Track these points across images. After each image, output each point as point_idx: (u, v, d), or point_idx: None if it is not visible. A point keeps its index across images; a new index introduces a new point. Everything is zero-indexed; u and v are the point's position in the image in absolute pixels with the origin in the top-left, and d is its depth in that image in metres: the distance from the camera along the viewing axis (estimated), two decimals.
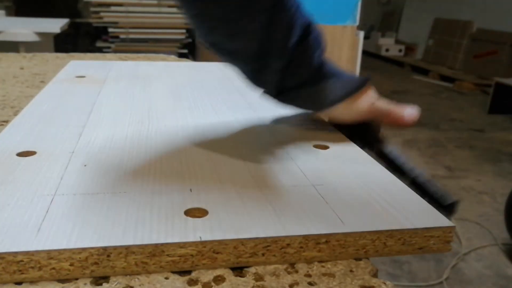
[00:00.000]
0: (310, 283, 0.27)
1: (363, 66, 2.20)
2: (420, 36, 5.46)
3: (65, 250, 0.25)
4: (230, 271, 0.27)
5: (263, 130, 0.47)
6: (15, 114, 0.58)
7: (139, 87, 0.63)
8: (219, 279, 0.27)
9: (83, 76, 0.69)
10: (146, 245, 0.26)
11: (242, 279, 0.27)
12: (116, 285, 0.25)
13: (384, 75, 4.83)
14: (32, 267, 0.25)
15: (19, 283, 0.25)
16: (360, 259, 0.29)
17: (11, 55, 0.95)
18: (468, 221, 1.85)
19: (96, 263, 0.25)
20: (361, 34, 2.12)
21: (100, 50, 3.77)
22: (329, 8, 2.03)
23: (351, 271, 0.28)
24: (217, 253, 0.27)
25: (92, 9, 3.89)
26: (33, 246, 0.25)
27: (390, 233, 0.29)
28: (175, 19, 4.05)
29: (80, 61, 0.84)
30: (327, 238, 0.28)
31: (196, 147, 0.41)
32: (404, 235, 0.29)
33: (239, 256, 0.27)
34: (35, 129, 0.45)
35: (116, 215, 0.29)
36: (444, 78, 4.57)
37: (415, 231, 0.29)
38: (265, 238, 0.27)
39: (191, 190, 0.33)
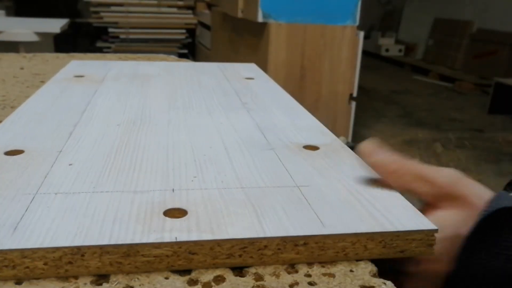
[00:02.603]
0: (310, 283, 0.27)
1: (363, 66, 2.20)
2: (420, 36, 5.46)
3: (39, 249, 0.25)
4: (230, 271, 0.27)
5: (254, 131, 0.47)
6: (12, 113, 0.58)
7: (136, 87, 0.63)
8: (219, 279, 0.27)
9: (82, 76, 0.69)
10: (121, 245, 0.26)
11: (242, 279, 0.27)
12: (116, 285, 0.26)
13: (384, 75, 4.83)
14: (6, 266, 0.25)
15: (19, 283, 0.26)
16: (360, 259, 0.29)
17: (11, 55, 0.95)
18: None
19: (70, 263, 0.25)
20: (361, 34, 2.12)
21: (100, 50, 3.77)
22: (329, 8, 2.04)
23: (351, 271, 0.28)
24: (193, 254, 0.27)
25: (92, 9, 3.89)
26: (8, 245, 0.25)
27: (371, 236, 0.28)
28: (175, 19, 4.05)
29: (81, 60, 0.84)
30: (306, 240, 0.28)
31: (184, 147, 0.41)
32: (385, 238, 0.29)
33: (216, 257, 0.27)
34: (26, 128, 0.45)
35: (95, 214, 0.28)
36: (444, 78, 4.58)
37: (396, 234, 0.29)
38: (241, 240, 0.27)
39: (173, 190, 0.32)
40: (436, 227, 0.29)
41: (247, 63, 0.83)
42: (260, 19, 1.98)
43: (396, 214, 0.30)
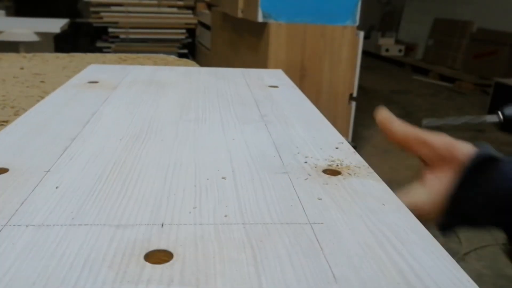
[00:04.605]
0: None
1: (363, 66, 2.20)
2: (420, 36, 5.46)
3: None
4: None
5: (269, 149, 0.42)
6: (15, 114, 0.58)
7: (149, 95, 0.60)
8: None
9: (96, 82, 0.66)
10: None
11: None
12: None
13: (384, 75, 4.83)
14: None
15: None
16: None
17: (11, 55, 0.95)
18: None
19: None
20: (361, 34, 2.12)
21: (100, 50, 3.77)
22: (329, 8, 2.03)
23: None
24: None
25: (92, 9, 3.89)
26: None
27: None
28: (175, 19, 4.05)
29: (99, 65, 0.80)
30: None
31: (186, 169, 0.37)
32: None
33: None
34: (19, 142, 0.42)
35: (64, 255, 0.25)
36: (444, 78, 4.58)
37: None
38: None
39: (162, 225, 0.28)
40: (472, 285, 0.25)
41: (274, 70, 0.78)
42: (260, 19, 1.98)
43: (428, 267, 0.25)
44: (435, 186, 0.39)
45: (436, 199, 0.39)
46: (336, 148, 0.43)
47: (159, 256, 0.25)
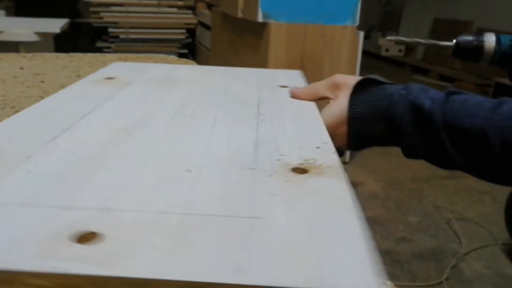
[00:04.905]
0: None
1: (363, 66, 2.20)
2: (420, 36, 5.46)
3: None
4: None
5: (248, 146, 0.42)
6: (15, 114, 0.58)
7: (157, 92, 0.61)
8: None
9: (113, 78, 0.67)
10: (2, 271, 0.23)
11: None
12: None
13: (384, 75, 4.82)
14: None
15: None
16: None
17: (11, 55, 0.95)
18: (468, 221, 1.85)
19: None
20: (361, 34, 2.12)
21: (100, 50, 3.77)
22: (329, 8, 2.03)
23: None
24: None
25: (92, 9, 3.89)
26: None
27: None
28: (175, 19, 4.05)
29: (122, 62, 0.81)
30: None
31: (157, 162, 0.38)
32: None
33: None
34: (15, 130, 0.44)
35: (2, 230, 0.27)
36: (444, 78, 4.58)
37: None
38: (130, 279, 0.23)
39: (109, 210, 0.29)
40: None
41: (292, 70, 0.78)
42: (260, 19, 1.98)
43: (340, 270, 0.25)
44: (336, 105, 0.53)
45: (339, 112, 0.53)
46: (317, 147, 0.42)
47: (88, 238, 0.26)
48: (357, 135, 0.52)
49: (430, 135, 0.45)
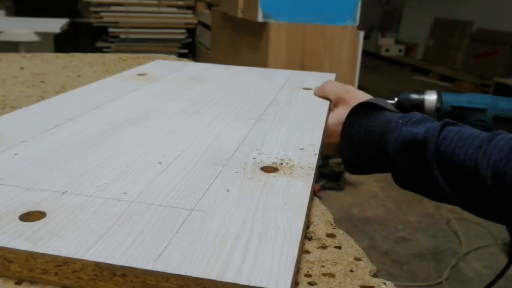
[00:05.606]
0: (310, 283, 0.27)
1: (363, 66, 2.20)
2: (420, 36, 5.46)
3: None
4: None
5: (232, 144, 0.43)
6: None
7: (179, 89, 0.62)
8: None
9: (144, 74, 0.69)
10: None
11: None
12: None
13: (384, 75, 4.83)
14: None
15: (19, 283, 0.26)
16: (360, 259, 0.29)
17: (11, 55, 0.95)
18: (468, 221, 1.85)
19: None
20: (361, 34, 2.11)
21: (100, 50, 3.77)
22: (329, 8, 2.03)
23: (351, 271, 0.28)
24: (9, 261, 0.26)
25: (92, 9, 3.89)
26: None
27: (201, 282, 0.24)
28: (175, 19, 4.05)
29: (163, 60, 0.83)
30: (124, 272, 0.25)
31: (136, 152, 0.39)
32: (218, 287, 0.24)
33: (31, 270, 0.26)
34: (26, 118, 0.47)
35: None
36: (444, 78, 4.57)
37: (230, 286, 0.24)
38: (55, 257, 0.25)
39: (64, 193, 0.32)
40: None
41: (327, 73, 0.78)
42: (260, 19, 1.98)
43: (259, 266, 0.25)
44: (333, 117, 0.55)
45: (331, 125, 0.54)
46: (301, 149, 0.42)
47: (34, 217, 0.28)
48: (350, 156, 0.52)
49: (421, 165, 0.44)
